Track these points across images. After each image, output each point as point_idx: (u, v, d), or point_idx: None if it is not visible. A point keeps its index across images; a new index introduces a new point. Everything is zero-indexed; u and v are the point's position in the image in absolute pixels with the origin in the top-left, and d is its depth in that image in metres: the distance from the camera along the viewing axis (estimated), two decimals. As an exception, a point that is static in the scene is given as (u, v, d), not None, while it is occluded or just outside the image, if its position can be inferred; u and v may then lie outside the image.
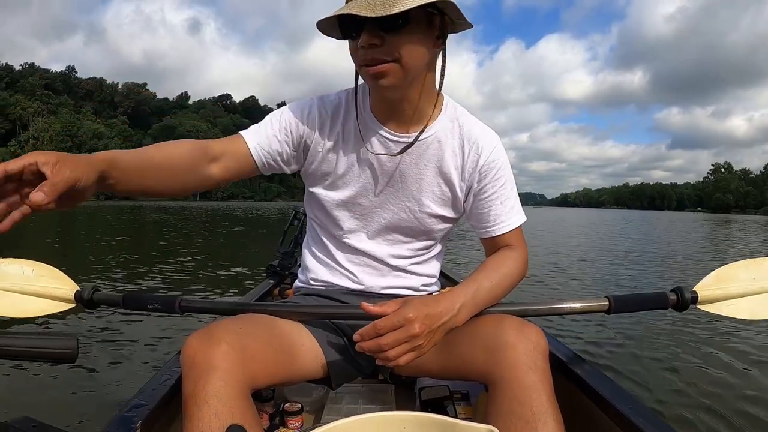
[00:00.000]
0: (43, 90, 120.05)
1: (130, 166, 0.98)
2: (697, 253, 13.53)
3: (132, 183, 0.99)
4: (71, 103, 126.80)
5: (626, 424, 1.04)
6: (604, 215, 70.87)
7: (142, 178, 1.02)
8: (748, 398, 3.15)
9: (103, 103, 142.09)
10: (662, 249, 14.79)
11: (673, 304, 1.28)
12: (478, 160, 1.26)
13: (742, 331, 4.61)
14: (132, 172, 0.98)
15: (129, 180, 0.97)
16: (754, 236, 24.42)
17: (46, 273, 1.31)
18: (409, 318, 0.98)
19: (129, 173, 0.97)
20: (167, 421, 1.15)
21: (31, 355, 0.77)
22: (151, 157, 1.05)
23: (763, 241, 20.51)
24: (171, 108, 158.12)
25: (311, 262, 1.41)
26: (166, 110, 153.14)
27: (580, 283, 7.79)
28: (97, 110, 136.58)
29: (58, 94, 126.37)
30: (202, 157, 1.13)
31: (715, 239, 21.41)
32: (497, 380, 1.00)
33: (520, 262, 1.27)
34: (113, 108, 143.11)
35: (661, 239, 19.69)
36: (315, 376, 1.21)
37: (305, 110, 1.26)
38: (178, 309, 1.25)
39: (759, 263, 1.33)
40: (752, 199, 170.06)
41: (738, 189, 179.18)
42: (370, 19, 0.99)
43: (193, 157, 1.12)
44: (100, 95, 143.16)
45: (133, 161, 0.99)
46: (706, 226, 36.34)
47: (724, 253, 14.01)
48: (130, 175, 0.98)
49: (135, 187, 1.01)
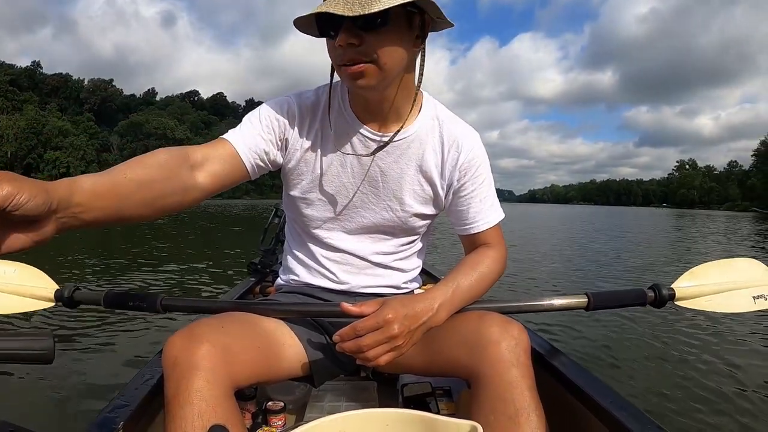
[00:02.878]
0: (7, 86, 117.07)
1: (98, 188, 0.84)
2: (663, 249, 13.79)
3: (102, 208, 0.84)
4: (36, 99, 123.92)
5: (607, 416, 1.06)
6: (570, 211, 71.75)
7: (115, 199, 0.87)
8: (723, 389, 3.26)
9: (68, 100, 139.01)
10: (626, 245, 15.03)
11: (651, 301, 1.31)
12: (458, 157, 1.26)
13: (717, 326, 4.76)
14: (102, 196, 0.84)
15: (99, 205, 0.84)
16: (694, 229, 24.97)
17: (26, 273, 1.30)
18: (388, 319, 1.00)
19: (98, 197, 0.83)
20: (150, 421, 1.14)
21: (4, 357, 0.75)
22: (122, 173, 0.92)
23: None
24: (138, 104, 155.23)
25: (292, 263, 1.40)
26: (133, 107, 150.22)
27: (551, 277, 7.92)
28: (63, 107, 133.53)
29: (23, 91, 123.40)
30: (182, 164, 1.03)
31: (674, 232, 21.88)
32: (480, 377, 1.01)
33: (498, 260, 1.28)
34: (79, 105, 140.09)
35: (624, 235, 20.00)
36: (297, 374, 1.21)
37: (284, 107, 1.24)
38: (159, 307, 1.23)
39: (730, 263, 1.40)
40: (716, 195, 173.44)
41: (702, 185, 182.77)
42: (348, 18, 0.97)
43: (172, 164, 1.01)
44: (66, 91, 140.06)
45: (101, 181, 0.86)
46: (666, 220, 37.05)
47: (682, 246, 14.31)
48: (100, 198, 0.84)
49: (107, 214, 0.86)
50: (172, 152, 1.05)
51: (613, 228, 24.89)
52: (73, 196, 0.78)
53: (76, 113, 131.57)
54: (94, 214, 0.83)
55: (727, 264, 1.39)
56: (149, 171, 0.96)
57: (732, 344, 4.30)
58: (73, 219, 0.79)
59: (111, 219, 0.88)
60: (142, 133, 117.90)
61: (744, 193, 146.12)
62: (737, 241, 17.98)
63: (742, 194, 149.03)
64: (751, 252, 13.42)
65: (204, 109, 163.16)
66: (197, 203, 1.11)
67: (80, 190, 0.80)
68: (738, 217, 59.60)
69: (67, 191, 0.77)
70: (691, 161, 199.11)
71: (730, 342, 4.36)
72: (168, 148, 1.06)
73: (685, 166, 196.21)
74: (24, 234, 0.70)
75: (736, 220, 42.39)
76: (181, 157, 1.05)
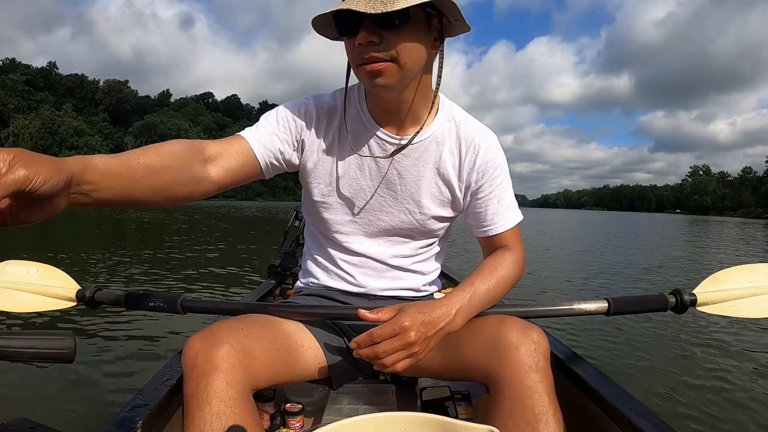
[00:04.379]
0: (24, 86, 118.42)
1: (110, 169, 0.84)
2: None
3: (113, 188, 0.85)
4: (52, 99, 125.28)
5: (626, 424, 1.05)
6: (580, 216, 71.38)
7: (125, 180, 0.88)
8: (747, 398, 3.21)
9: (84, 100, 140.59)
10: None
11: (672, 306, 1.29)
12: (475, 159, 1.26)
13: (741, 333, 4.71)
14: (113, 176, 0.85)
15: (110, 185, 0.84)
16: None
17: (49, 273, 1.32)
18: (405, 326, 1.00)
19: (110, 177, 0.84)
20: (168, 421, 1.15)
21: (26, 355, 0.75)
22: (135, 157, 0.92)
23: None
24: (152, 106, 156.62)
25: (311, 265, 1.40)
26: (148, 108, 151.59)
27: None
28: (78, 107, 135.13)
29: (39, 91, 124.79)
30: (195, 157, 1.05)
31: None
32: (499, 381, 1.00)
33: (516, 262, 1.27)
34: (94, 105, 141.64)
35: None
36: (316, 376, 1.21)
37: (301, 108, 1.24)
38: (179, 308, 1.24)
39: (754, 268, 1.36)
40: (729, 201, 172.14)
41: (716, 191, 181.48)
42: (368, 16, 0.98)
43: (185, 155, 1.02)
44: (81, 92, 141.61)
45: (113, 162, 0.86)
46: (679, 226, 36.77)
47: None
48: (112, 179, 0.85)
49: (117, 194, 0.87)
50: (186, 143, 1.06)
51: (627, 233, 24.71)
52: (86, 174, 0.79)
53: (91, 114, 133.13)
54: (104, 193, 0.84)
55: (750, 269, 1.36)
56: (162, 158, 0.97)
57: (757, 351, 4.23)
58: (83, 196, 0.80)
59: (120, 200, 0.88)
60: (156, 134, 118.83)
61: (758, 200, 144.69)
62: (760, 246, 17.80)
63: (755, 201, 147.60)
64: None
65: (218, 111, 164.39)
66: (208, 196, 1.11)
67: (93, 169, 0.81)
68: (752, 223, 59.03)
69: (80, 169, 0.77)
70: (704, 167, 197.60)
71: (755, 349, 4.29)
72: (183, 140, 1.07)
73: (698, 172, 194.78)
74: (35, 208, 0.70)
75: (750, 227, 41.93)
76: (195, 148, 1.06)
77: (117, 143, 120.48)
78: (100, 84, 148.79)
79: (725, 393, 3.27)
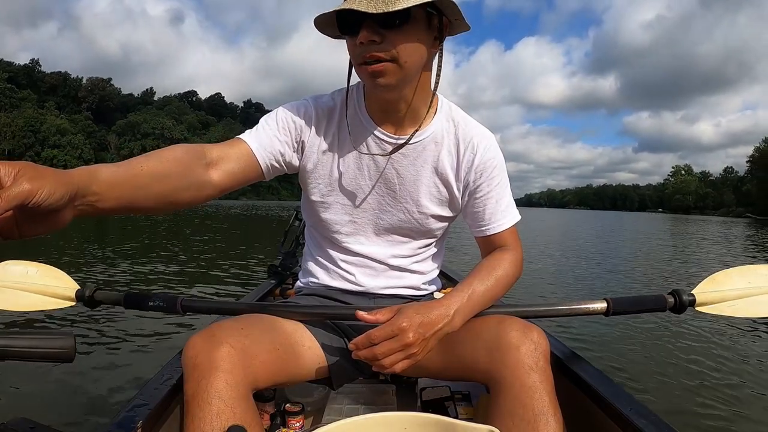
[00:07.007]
0: (5, 84, 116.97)
1: (115, 179, 0.86)
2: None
3: (118, 198, 0.86)
4: (34, 97, 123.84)
5: (626, 424, 1.05)
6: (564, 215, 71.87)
7: (130, 189, 0.89)
8: (747, 397, 3.24)
9: (66, 98, 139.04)
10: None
11: (671, 307, 1.30)
12: (473, 159, 1.27)
13: (740, 333, 4.76)
14: (118, 186, 0.86)
15: (115, 194, 0.85)
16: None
17: (49, 273, 1.33)
18: (403, 327, 1.00)
19: (114, 187, 0.85)
20: (168, 421, 1.14)
21: (26, 355, 0.75)
22: (139, 165, 0.93)
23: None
24: (136, 104, 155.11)
25: (311, 265, 1.41)
26: (131, 106, 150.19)
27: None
28: (61, 105, 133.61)
29: (21, 88, 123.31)
30: (198, 161, 1.06)
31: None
32: (499, 380, 1.01)
33: (514, 262, 1.27)
34: (77, 103, 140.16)
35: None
36: (316, 376, 1.21)
37: (301, 110, 1.25)
38: (179, 308, 1.24)
39: (752, 269, 1.38)
40: (711, 201, 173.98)
41: (697, 191, 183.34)
42: (370, 16, 0.99)
43: (188, 160, 1.03)
44: (64, 90, 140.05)
45: (118, 171, 0.88)
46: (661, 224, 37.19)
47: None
48: (116, 188, 0.85)
49: (122, 203, 0.88)
50: (188, 149, 1.07)
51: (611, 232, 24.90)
52: (91, 185, 0.80)
53: (74, 112, 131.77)
54: (110, 203, 0.85)
55: (748, 270, 1.37)
56: (165, 165, 0.98)
57: (756, 351, 4.28)
58: (89, 207, 0.81)
59: (125, 208, 0.90)
60: (139, 133, 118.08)
61: (739, 199, 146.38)
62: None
63: (737, 200, 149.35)
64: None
65: (202, 110, 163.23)
66: (210, 200, 1.12)
67: (98, 180, 0.81)
68: (733, 222, 59.72)
69: (85, 180, 0.78)
70: (686, 167, 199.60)
71: (755, 349, 4.34)
72: (185, 145, 1.08)
73: (680, 171, 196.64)
74: (41, 221, 0.71)
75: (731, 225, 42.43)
76: (197, 153, 1.07)
77: (100, 142, 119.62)
78: (83, 82, 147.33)
79: (724, 392, 3.29)
